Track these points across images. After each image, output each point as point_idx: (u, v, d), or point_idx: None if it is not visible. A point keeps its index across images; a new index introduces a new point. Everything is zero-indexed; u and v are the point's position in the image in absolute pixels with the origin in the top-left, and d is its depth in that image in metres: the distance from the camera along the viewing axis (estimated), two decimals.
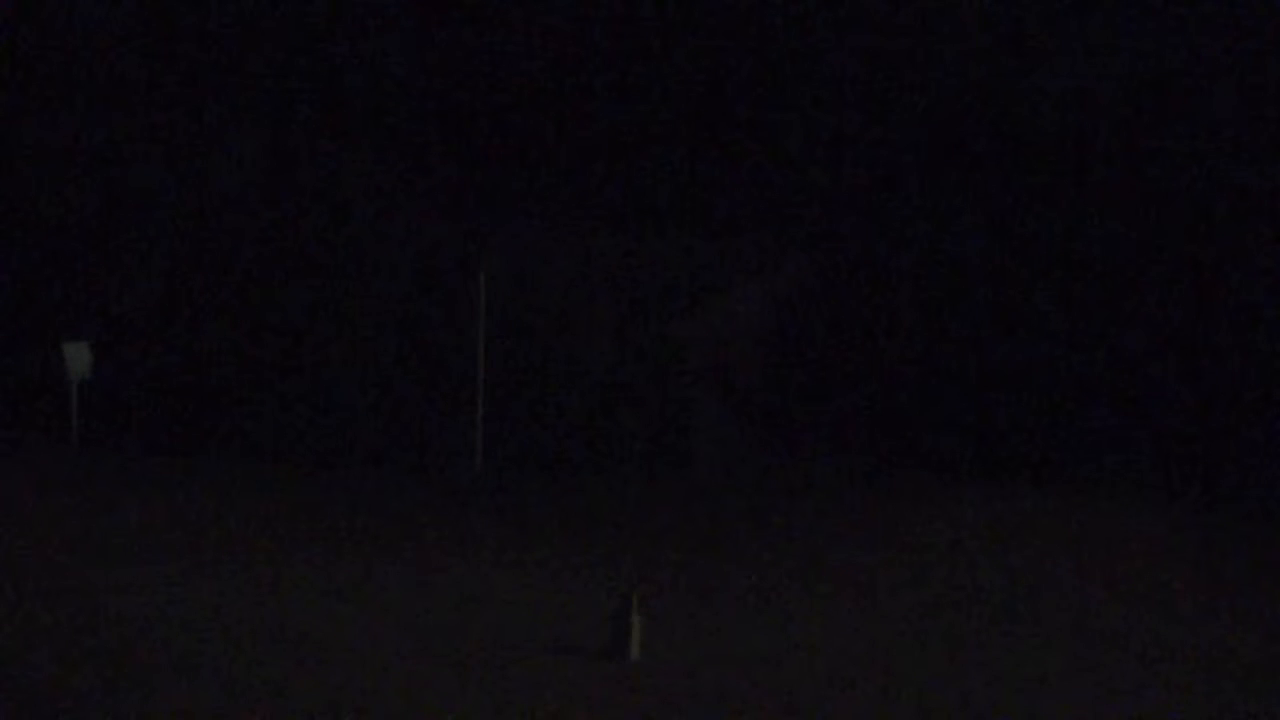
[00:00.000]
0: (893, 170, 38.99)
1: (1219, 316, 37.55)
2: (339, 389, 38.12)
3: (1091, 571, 28.50)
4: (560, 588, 26.18)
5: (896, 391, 38.42)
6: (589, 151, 39.70)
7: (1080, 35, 38.37)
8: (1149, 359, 37.71)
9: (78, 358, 35.37)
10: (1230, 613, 26.61)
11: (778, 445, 37.93)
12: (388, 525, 29.76)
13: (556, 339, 37.34)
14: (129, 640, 22.23)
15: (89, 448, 36.20)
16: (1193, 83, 37.99)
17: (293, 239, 38.87)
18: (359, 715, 19.69)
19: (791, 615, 25.23)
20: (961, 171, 38.60)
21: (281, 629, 23.12)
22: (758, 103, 39.26)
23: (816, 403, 38.19)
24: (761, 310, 37.62)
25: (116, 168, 39.85)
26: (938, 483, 34.71)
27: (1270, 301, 37.41)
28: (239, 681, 20.71)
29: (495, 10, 40.11)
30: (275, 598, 24.75)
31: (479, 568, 27.14)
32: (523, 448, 37.36)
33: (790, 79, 39.12)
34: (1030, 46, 38.51)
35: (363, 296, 38.18)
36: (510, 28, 39.90)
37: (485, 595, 25.49)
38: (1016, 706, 21.32)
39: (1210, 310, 37.56)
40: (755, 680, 21.89)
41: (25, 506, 29.64)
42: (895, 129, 38.79)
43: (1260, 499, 34.89)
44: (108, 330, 39.44)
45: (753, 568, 27.91)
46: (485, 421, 37.56)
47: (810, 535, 30.12)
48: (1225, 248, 37.70)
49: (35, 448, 35.46)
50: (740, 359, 37.53)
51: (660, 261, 38.09)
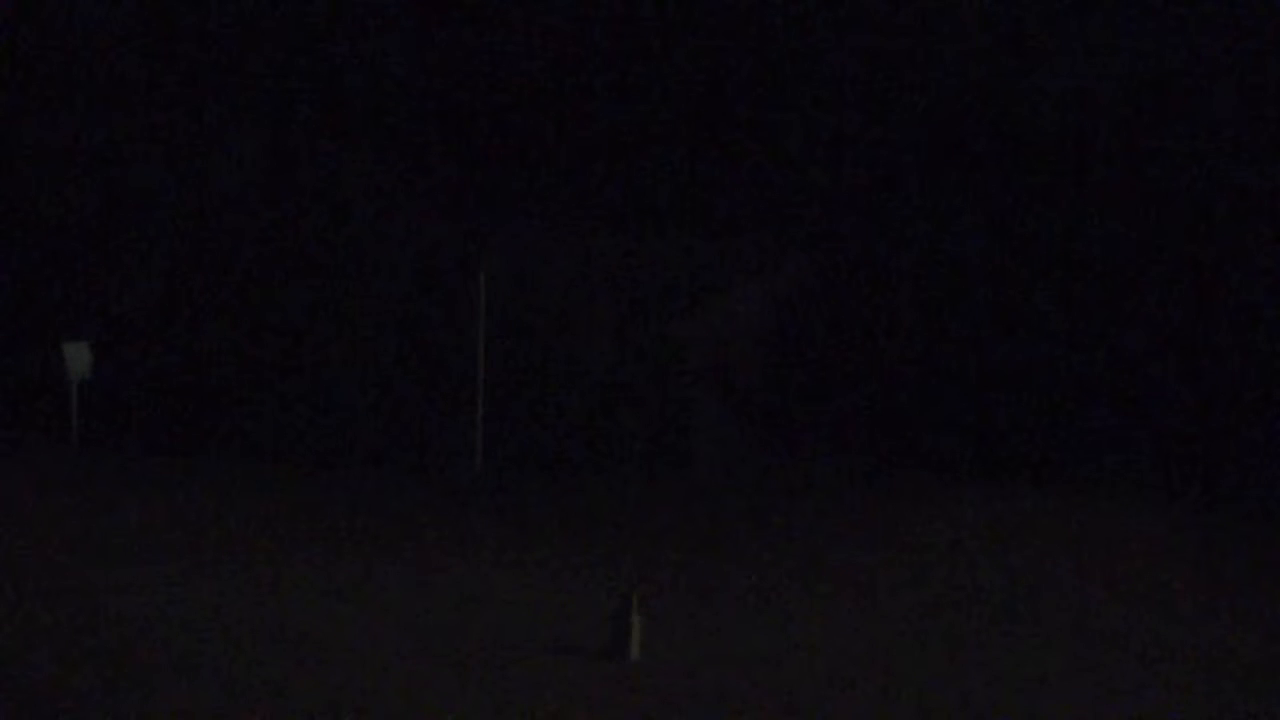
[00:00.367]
0: (893, 170, 39.00)
1: (1219, 316, 37.56)
2: (339, 389, 38.12)
3: (1091, 571, 28.50)
4: (560, 588, 26.18)
5: (896, 391, 38.42)
6: (589, 151, 39.70)
7: (1080, 35, 38.38)
8: (1149, 359, 37.72)
9: (78, 358, 35.37)
10: (1230, 613, 26.62)
11: (778, 445, 37.93)
12: (388, 525, 29.77)
13: (556, 339, 37.34)
14: (129, 640, 22.23)
15: (89, 448, 36.20)
16: (1193, 83, 38.00)
17: (293, 239, 38.88)
18: (359, 715, 19.69)
19: (791, 615, 25.23)
20: (961, 171, 38.61)
21: (281, 629, 23.13)
22: (758, 103, 39.27)
23: (816, 403, 38.20)
24: (761, 310, 37.63)
25: (116, 168, 39.85)
26: (938, 483, 34.71)
27: (1270, 301, 37.41)
28: (239, 681, 20.72)
29: (495, 10, 40.11)
30: (275, 598, 24.75)
31: (479, 568, 27.15)
32: (523, 448, 37.36)
33: (790, 79, 39.13)
34: (1030, 46, 38.52)
35: (363, 296, 38.18)
36: (510, 28, 39.90)
37: (485, 595, 25.50)
38: (1016, 706, 21.32)
39: (1210, 310, 37.56)
40: (755, 680, 21.89)
41: (25, 506, 29.64)
42: (895, 129, 38.80)
43: (1260, 499, 34.88)
44: (108, 330, 39.44)
45: (753, 568, 27.91)
46: (485, 421, 37.57)
47: (810, 535, 30.12)
48: (1225, 248, 37.71)
49: (35, 448, 35.46)
50: (740, 359, 37.53)
51: (660, 261, 38.10)
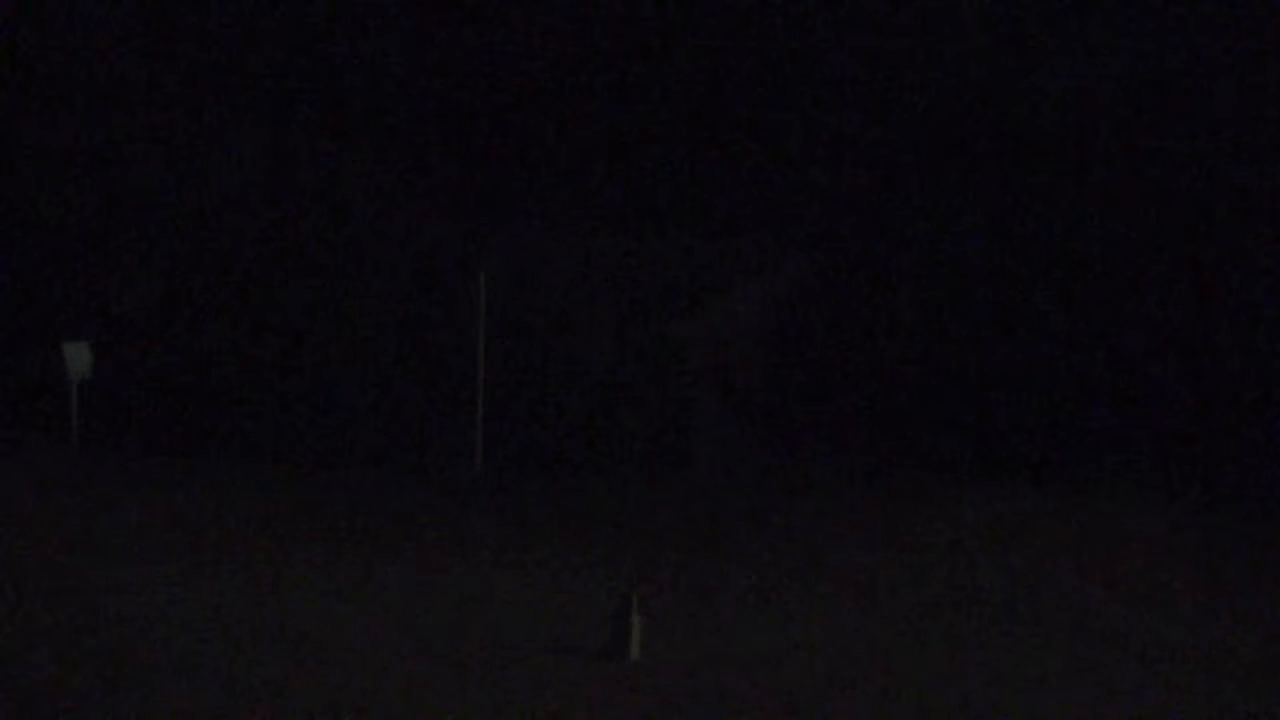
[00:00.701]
0: (893, 170, 39.00)
1: (1219, 316, 37.56)
2: (339, 389, 38.12)
3: (1091, 571, 28.50)
4: (560, 588, 26.18)
5: (896, 391, 38.42)
6: (589, 151, 39.70)
7: (1080, 35, 38.38)
8: (1149, 359, 37.72)
9: (78, 358, 35.37)
10: (1230, 613, 26.61)
11: (778, 445, 37.93)
12: (388, 525, 29.76)
13: (556, 339, 37.34)
14: (129, 640, 22.23)
15: (89, 448, 36.20)
16: (1193, 83, 38.00)
17: (293, 239, 38.88)
18: (359, 715, 19.69)
19: (791, 615, 25.23)
20: (961, 171, 38.61)
21: (281, 629, 23.13)
22: (758, 103, 39.27)
23: (816, 403, 38.19)
24: (761, 310, 37.62)
25: (116, 168, 39.85)
26: (938, 483, 34.71)
27: (1270, 301, 37.41)
28: (239, 681, 20.71)
29: (495, 10, 40.11)
30: (275, 598, 24.75)
31: (479, 568, 27.14)
32: (523, 448, 37.36)
33: (790, 79, 39.13)
34: (1030, 46, 38.52)
35: (363, 296, 38.18)
36: (510, 28, 39.90)
37: (485, 595, 25.49)
38: (1016, 706, 21.32)
39: (1210, 310, 37.56)
40: (755, 680, 21.89)
41: (25, 506, 29.64)
42: (895, 129, 38.80)
43: (1260, 499, 34.88)
44: (108, 330, 39.44)
45: (753, 568, 27.91)
46: (485, 421, 37.56)
47: (810, 535, 30.12)
48: (1225, 248, 37.71)
49: (35, 448, 35.45)
50: (740, 359, 37.53)
51: (660, 261, 38.10)
